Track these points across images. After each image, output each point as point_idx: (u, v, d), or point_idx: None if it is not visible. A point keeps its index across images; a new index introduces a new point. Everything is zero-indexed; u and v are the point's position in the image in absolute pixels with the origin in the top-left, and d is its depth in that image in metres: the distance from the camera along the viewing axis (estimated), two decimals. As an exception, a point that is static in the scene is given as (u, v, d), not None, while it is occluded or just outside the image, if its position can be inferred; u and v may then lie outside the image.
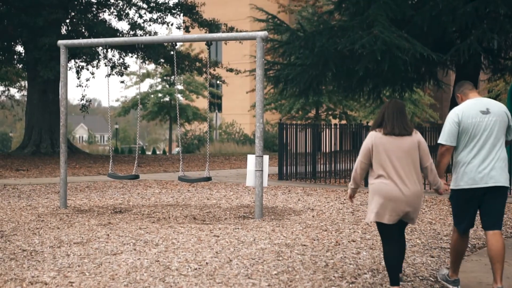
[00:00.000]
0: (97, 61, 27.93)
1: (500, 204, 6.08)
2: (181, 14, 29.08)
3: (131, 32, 27.25)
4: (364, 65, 17.31)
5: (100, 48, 26.04)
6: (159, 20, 28.45)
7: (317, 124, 20.86)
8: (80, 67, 28.00)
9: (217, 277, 6.34)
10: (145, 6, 28.37)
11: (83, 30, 26.57)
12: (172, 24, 29.42)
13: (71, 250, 7.68)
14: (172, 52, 26.52)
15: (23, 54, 27.14)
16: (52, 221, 10.04)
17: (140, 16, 28.20)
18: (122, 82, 32.90)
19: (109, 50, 27.42)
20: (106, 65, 12.54)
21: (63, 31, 26.91)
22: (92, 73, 28.94)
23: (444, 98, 40.35)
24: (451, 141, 6.08)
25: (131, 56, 28.77)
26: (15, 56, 27.38)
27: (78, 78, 28.35)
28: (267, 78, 20.83)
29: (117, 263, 6.92)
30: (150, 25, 29.46)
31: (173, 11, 28.38)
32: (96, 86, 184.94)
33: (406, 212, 5.84)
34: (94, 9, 27.72)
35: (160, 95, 48.64)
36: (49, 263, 6.99)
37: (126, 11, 28.06)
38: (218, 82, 32.40)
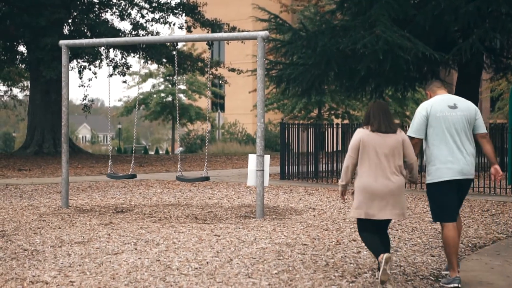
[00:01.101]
0: (99, 61, 27.96)
1: (465, 195, 6.55)
2: (183, 14, 29.09)
3: (133, 32, 27.27)
4: (366, 65, 17.31)
5: (102, 48, 26.06)
6: (161, 20, 28.47)
7: (319, 123, 20.85)
8: (82, 67, 28.02)
9: (217, 276, 6.35)
10: (147, 6, 28.39)
11: (85, 30, 26.59)
12: (174, 24, 29.43)
13: (72, 249, 7.69)
14: (174, 52, 26.53)
15: (25, 54, 27.17)
16: (53, 220, 10.05)
17: (142, 16, 28.22)
18: (125, 82, 32.94)
19: (111, 50, 27.46)
20: (108, 65, 12.49)
21: (65, 31, 26.93)
22: (95, 73, 28.97)
23: (447, 98, 40.25)
24: (419, 134, 6.45)
25: (133, 56, 28.80)
26: (17, 56, 27.41)
27: (81, 78, 28.39)
28: (269, 78, 20.83)
29: (118, 262, 6.93)
30: (152, 25, 29.48)
31: (175, 11, 28.39)
32: (99, 86, 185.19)
33: (391, 205, 6.16)
34: (96, 9, 27.74)
35: (162, 95, 48.64)
36: (50, 263, 7.00)
37: (128, 11, 28.09)
38: (220, 82, 32.42)
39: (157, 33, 28.69)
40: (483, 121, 6.54)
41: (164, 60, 27.84)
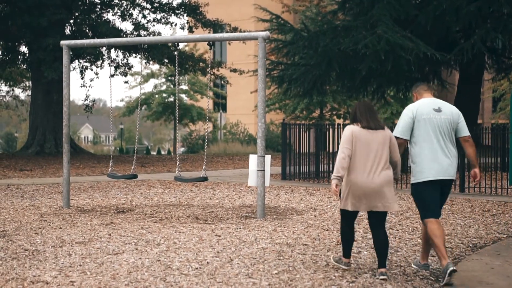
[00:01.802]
0: (101, 61, 27.98)
1: (447, 195, 6.73)
2: (185, 15, 29.10)
3: (134, 33, 27.28)
4: (368, 65, 17.33)
5: (104, 48, 26.08)
6: (163, 20, 28.49)
7: (321, 124, 20.85)
8: (84, 67, 28.06)
9: (217, 276, 6.35)
10: (148, 6, 28.41)
11: (87, 30, 26.61)
12: (175, 25, 29.45)
13: (73, 249, 7.70)
14: (175, 52, 26.54)
15: (27, 55, 27.21)
16: (54, 220, 10.06)
17: (144, 17, 28.24)
18: (126, 82, 32.96)
19: (112, 50, 27.47)
20: (109, 66, 12.50)
21: (67, 31, 26.96)
22: (96, 74, 29.00)
23: (449, 98, 40.32)
24: (404, 135, 6.63)
25: (135, 57, 28.82)
26: (19, 57, 27.44)
27: (82, 79, 28.43)
28: (271, 78, 20.84)
29: (119, 262, 6.94)
30: (153, 25, 29.52)
31: (177, 12, 28.41)
32: (101, 87, 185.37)
33: (380, 198, 6.34)
34: (97, 9, 27.76)
35: (164, 95, 48.68)
36: (50, 263, 7.01)
37: (130, 12, 28.11)
38: (222, 82, 32.47)
39: (159, 34, 28.72)
40: (465, 124, 6.70)
41: (166, 60, 27.86)
